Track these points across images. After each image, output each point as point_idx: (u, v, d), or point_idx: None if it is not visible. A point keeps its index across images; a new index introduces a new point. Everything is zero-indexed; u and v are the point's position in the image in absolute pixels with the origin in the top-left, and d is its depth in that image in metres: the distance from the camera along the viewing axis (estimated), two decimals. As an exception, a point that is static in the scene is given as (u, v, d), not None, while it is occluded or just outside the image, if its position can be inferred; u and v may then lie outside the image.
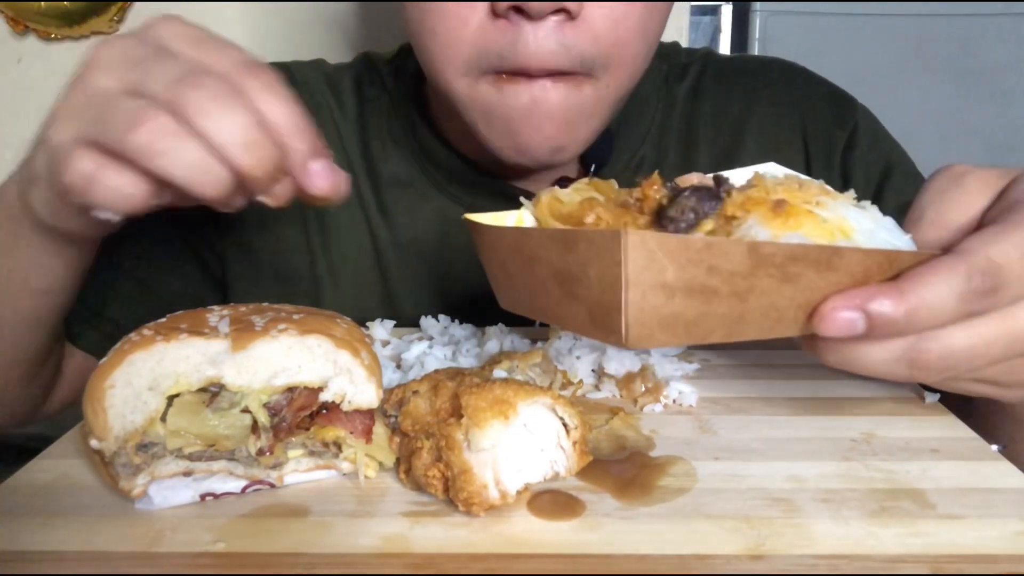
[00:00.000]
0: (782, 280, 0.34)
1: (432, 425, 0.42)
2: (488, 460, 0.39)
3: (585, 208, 0.40)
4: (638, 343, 0.33)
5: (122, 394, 0.40)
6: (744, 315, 0.34)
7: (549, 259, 0.35)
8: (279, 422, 0.42)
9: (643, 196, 0.39)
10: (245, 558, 0.37)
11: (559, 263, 0.35)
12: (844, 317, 0.34)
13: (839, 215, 0.37)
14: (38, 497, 0.42)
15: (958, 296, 0.34)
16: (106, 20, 1.33)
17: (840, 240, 0.36)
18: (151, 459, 0.42)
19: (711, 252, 0.32)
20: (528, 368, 0.53)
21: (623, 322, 0.32)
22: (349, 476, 0.44)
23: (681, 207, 0.37)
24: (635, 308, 0.32)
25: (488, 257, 0.42)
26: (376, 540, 0.38)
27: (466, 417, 0.40)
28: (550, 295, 0.36)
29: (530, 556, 0.37)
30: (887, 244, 0.37)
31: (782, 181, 0.39)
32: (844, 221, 0.37)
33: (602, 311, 0.33)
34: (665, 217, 0.38)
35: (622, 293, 0.32)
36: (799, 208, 0.36)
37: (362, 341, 0.44)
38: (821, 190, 0.38)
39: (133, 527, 0.40)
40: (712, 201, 0.37)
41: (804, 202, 0.37)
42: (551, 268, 0.35)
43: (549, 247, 0.35)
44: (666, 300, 0.33)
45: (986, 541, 0.37)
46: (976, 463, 0.44)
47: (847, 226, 0.37)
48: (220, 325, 0.43)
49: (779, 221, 0.36)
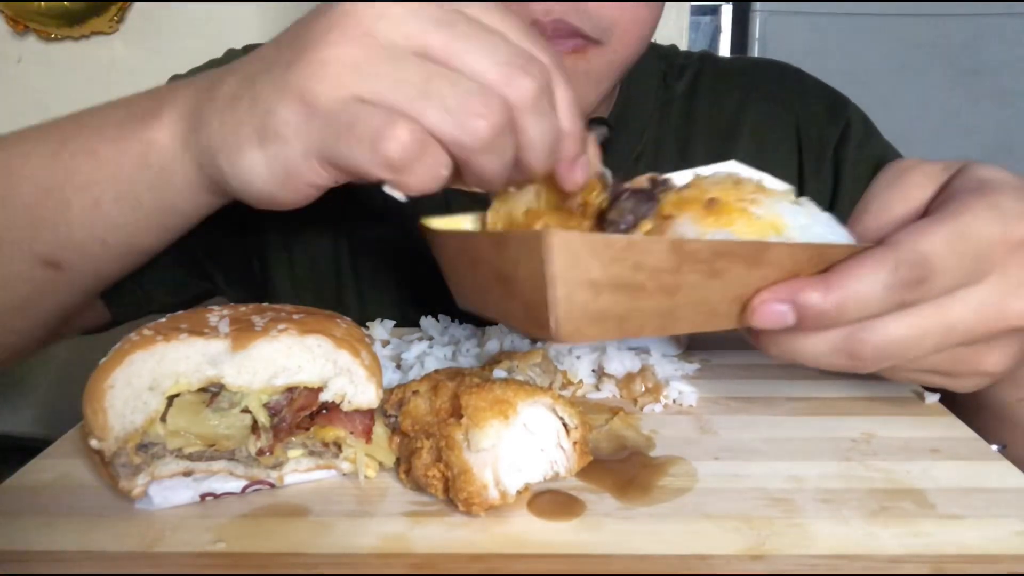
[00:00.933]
0: (709, 275, 0.35)
1: (432, 425, 0.42)
2: (488, 460, 0.39)
3: (532, 218, 0.41)
4: (568, 338, 0.34)
5: (122, 394, 0.40)
6: (675, 309, 0.36)
7: (489, 260, 0.37)
8: (279, 422, 0.42)
9: (584, 201, 0.41)
10: (245, 558, 0.37)
11: (497, 263, 0.36)
12: (773, 309, 0.35)
13: (773, 212, 0.38)
14: (38, 497, 0.42)
15: (886, 287, 0.35)
16: (106, 20, 1.33)
17: (772, 236, 0.37)
18: (151, 459, 0.42)
19: (634, 250, 0.34)
20: (528, 368, 0.53)
21: (551, 318, 0.34)
22: (349, 476, 0.44)
23: (619, 210, 0.39)
24: (562, 304, 0.33)
25: (440, 259, 0.44)
26: (376, 540, 0.38)
27: (466, 417, 0.40)
28: (493, 294, 0.37)
29: (530, 556, 0.37)
30: (821, 239, 0.38)
31: (718, 180, 0.40)
32: (778, 218, 0.38)
33: (534, 308, 0.34)
34: (605, 221, 0.39)
35: (548, 290, 0.33)
36: (731, 206, 0.38)
37: (362, 341, 0.44)
38: (757, 188, 0.40)
39: (133, 527, 0.40)
40: (649, 203, 0.39)
41: (737, 200, 0.38)
42: (491, 268, 0.37)
43: (487, 248, 0.37)
44: (593, 297, 0.34)
45: (986, 541, 0.37)
46: (976, 463, 0.44)
47: (780, 222, 0.38)
48: (220, 325, 0.43)
49: (710, 219, 0.38)
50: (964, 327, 0.37)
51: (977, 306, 0.37)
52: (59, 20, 1.31)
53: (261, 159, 0.38)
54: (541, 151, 0.37)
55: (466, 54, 0.34)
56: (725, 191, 0.39)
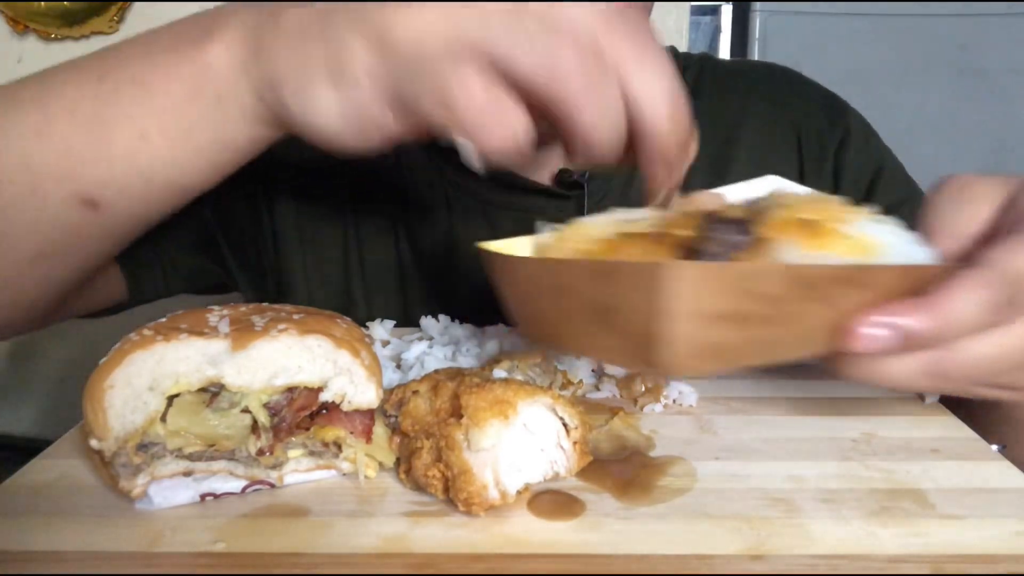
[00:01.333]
0: (817, 300, 0.33)
1: (432, 425, 0.42)
2: (488, 460, 0.39)
3: (616, 246, 0.38)
4: (680, 372, 0.33)
5: (122, 394, 0.40)
6: (780, 337, 0.34)
7: (582, 290, 0.34)
8: (279, 422, 0.42)
9: (665, 232, 0.38)
10: (245, 558, 0.37)
11: (594, 294, 0.33)
12: (876, 335, 0.34)
13: (862, 231, 0.37)
14: (38, 497, 0.42)
15: (985, 308, 0.34)
16: (106, 20, 1.33)
17: (867, 256, 0.36)
18: (151, 459, 0.42)
19: (750, 278, 0.32)
20: (528, 368, 0.53)
21: (665, 353, 0.32)
22: (349, 476, 0.44)
23: (715, 242, 0.36)
24: (678, 340, 0.32)
25: (507, 286, 0.40)
26: (376, 540, 0.38)
27: (466, 417, 0.40)
28: (581, 326, 0.35)
29: (530, 556, 0.37)
30: (910, 257, 0.37)
31: (807, 199, 0.38)
32: (868, 237, 0.37)
33: (643, 343, 0.33)
34: (698, 254, 0.37)
35: (664, 325, 0.31)
36: (827, 227, 0.36)
37: (362, 341, 0.44)
38: (843, 207, 0.38)
39: (133, 527, 0.40)
40: (744, 233, 0.36)
41: (831, 220, 0.37)
42: (584, 299, 0.34)
43: (582, 278, 0.34)
44: (707, 329, 0.32)
45: (986, 541, 0.37)
46: (976, 463, 0.44)
47: (871, 242, 0.37)
48: (220, 325, 0.43)
49: (810, 242, 0.36)
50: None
51: None
52: (59, 20, 1.31)
53: (333, 99, 0.36)
54: (657, 107, 0.34)
55: (563, 8, 0.32)
56: (818, 211, 0.37)
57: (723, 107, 0.80)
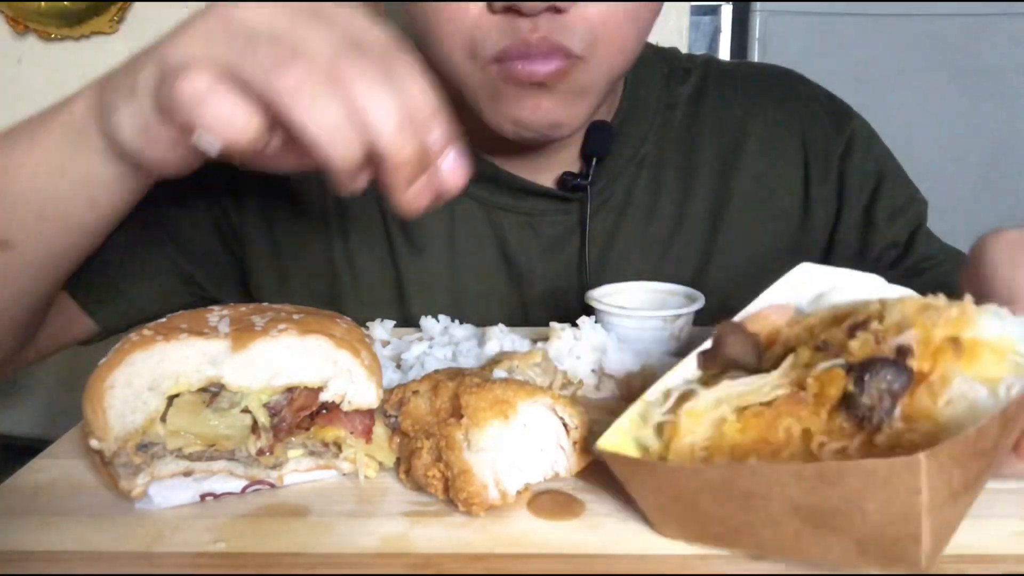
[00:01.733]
0: (1010, 426, 0.32)
1: (432, 425, 0.42)
2: (488, 460, 0.39)
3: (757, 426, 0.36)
4: (931, 566, 0.31)
5: (122, 394, 0.40)
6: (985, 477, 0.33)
7: (788, 495, 0.31)
8: (279, 422, 0.42)
9: (820, 392, 0.35)
10: (245, 558, 0.37)
11: (808, 499, 0.31)
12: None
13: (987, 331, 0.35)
14: (38, 497, 0.42)
15: None
16: (106, 20, 1.33)
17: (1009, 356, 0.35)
18: (151, 459, 0.42)
19: (981, 437, 0.30)
20: (528, 368, 0.53)
21: (921, 551, 0.30)
22: (349, 476, 0.44)
23: (876, 393, 0.34)
24: (932, 532, 0.30)
25: (657, 493, 0.36)
26: (376, 540, 0.38)
27: (466, 417, 0.40)
28: (781, 529, 0.33)
29: (530, 556, 0.37)
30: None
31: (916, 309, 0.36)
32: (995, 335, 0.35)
33: (884, 542, 0.31)
34: (857, 406, 0.34)
35: (921, 523, 0.29)
36: (970, 341, 0.35)
37: (362, 341, 0.44)
38: (961, 310, 0.36)
39: (133, 527, 0.40)
40: (903, 374, 0.34)
41: (963, 329, 0.35)
42: (790, 503, 0.32)
43: (790, 483, 0.31)
44: (952, 508, 0.31)
45: (986, 541, 0.37)
46: (976, 463, 0.44)
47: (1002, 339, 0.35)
48: (220, 325, 0.43)
49: (967, 364, 0.34)
50: None
51: None
52: (59, 20, 1.31)
53: (130, 111, 0.43)
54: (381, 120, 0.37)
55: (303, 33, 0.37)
56: (946, 324, 0.35)
57: (728, 111, 0.80)
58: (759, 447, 0.35)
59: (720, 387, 0.37)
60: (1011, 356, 0.35)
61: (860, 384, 0.34)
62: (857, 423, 0.34)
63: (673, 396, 0.39)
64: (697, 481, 0.33)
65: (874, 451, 0.33)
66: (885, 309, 0.38)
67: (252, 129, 0.38)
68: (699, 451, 0.36)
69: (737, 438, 0.36)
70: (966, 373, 0.34)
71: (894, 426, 0.33)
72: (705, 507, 0.34)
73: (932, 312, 0.36)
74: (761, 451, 0.35)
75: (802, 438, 0.35)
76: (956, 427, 0.33)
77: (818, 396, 0.35)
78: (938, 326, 0.35)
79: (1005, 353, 0.35)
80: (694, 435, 0.36)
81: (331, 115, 0.37)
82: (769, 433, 0.35)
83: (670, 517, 0.36)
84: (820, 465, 0.31)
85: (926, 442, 0.32)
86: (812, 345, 0.38)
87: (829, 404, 0.35)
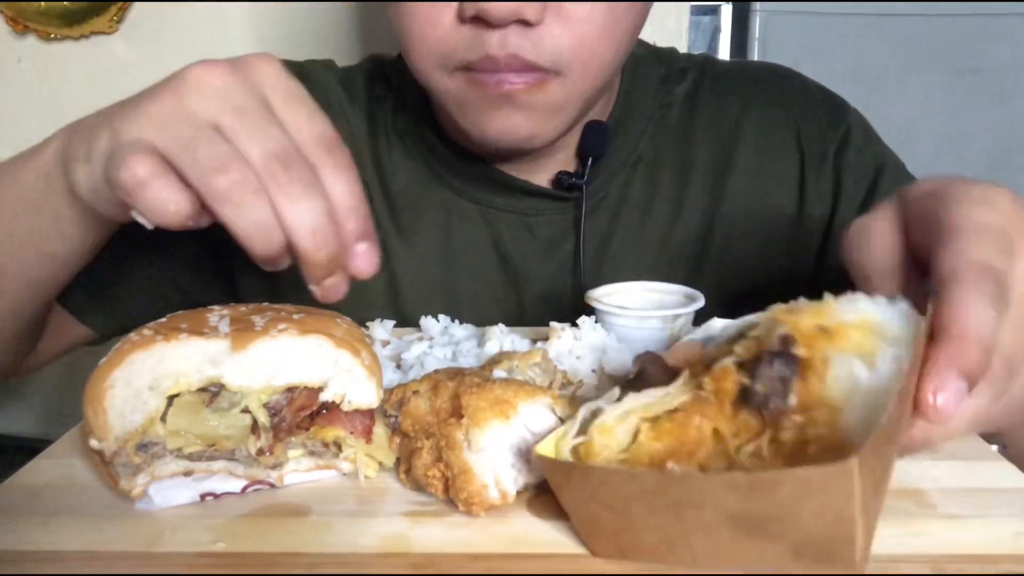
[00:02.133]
0: (906, 399, 0.33)
1: (432, 425, 0.42)
2: (488, 460, 0.39)
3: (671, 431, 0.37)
4: (865, 564, 0.32)
5: (122, 394, 0.40)
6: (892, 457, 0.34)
7: (721, 504, 0.32)
8: (279, 422, 0.42)
9: (718, 389, 0.37)
10: (245, 558, 0.37)
11: (741, 507, 0.32)
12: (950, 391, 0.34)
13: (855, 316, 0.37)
14: (38, 497, 0.42)
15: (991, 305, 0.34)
16: (106, 20, 1.33)
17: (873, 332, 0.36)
18: (151, 459, 0.42)
19: (890, 423, 0.31)
20: (528, 368, 0.53)
21: (856, 550, 0.31)
22: (349, 476, 0.44)
23: (766, 380, 0.35)
24: (864, 530, 0.31)
25: (589, 500, 0.36)
26: (376, 540, 0.38)
27: (466, 417, 0.40)
28: (715, 538, 0.33)
29: (530, 556, 0.37)
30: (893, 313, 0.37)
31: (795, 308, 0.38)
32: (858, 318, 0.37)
33: (819, 546, 0.31)
34: (754, 397, 0.35)
35: (855, 525, 0.30)
36: (837, 327, 0.36)
37: (362, 341, 0.44)
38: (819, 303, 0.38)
39: (133, 527, 0.40)
40: (790, 362, 0.35)
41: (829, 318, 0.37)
42: (724, 512, 0.32)
43: (723, 493, 0.32)
44: (875, 498, 0.32)
45: (986, 541, 0.37)
46: (976, 463, 0.44)
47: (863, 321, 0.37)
48: (220, 325, 0.43)
49: (836, 345, 0.36)
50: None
51: None
52: (59, 20, 1.31)
53: (84, 172, 0.47)
54: (298, 228, 0.40)
55: (242, 138, 0.41)
56: (810, 314, 0.37)
57: (723, 110, 0.80)
58: (675, 450, 0.36)
59: (625, 401, 0.38)
60: (874, 332, 0.37)
61: (753, 376, 0.36)
62: (758, 415, 0.35)
63: (578, 419, 0.39)
64: (630, 487, 0.34)
65: (784, 448, 0.35)
66: (759, 321, 0.40)
67: (182, 215, 0.41)
68: (616, 464, 0.37)
69: (654, 445, 0.37)
70: (837, 353, 0.36)
71: (793, 419, 0.35)
72: (638, 516, 0.34)
73: (795, 309, 0.38)
74: (678, 454, 0.36)
75: (714, 438, 0.36)
76: (848, 406, 0.34)
77: (717, 393, 0.37)
78: (803, 318, 0.37)
79: (868, 330, 0.37)
80: (609, 449, 0.37)
81: (254, 219, 0.40)
82: (682, 434, 0.36)
83: (602, 529, 0.36)
84: (753, 475, 0.32)
85: (829, 432, 0.34)
86: (704, 364, 0.39)
87: (728, 399, 0.36)
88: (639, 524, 0.34)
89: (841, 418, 0.34)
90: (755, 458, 0.35)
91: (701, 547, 0.34)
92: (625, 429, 0.37)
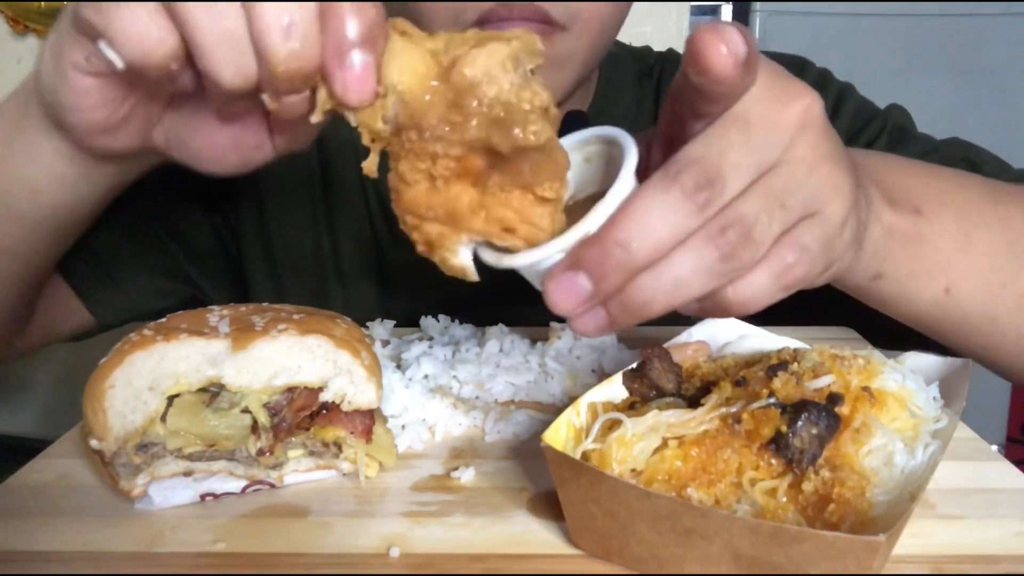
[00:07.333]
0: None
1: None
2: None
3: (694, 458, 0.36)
4: None
5: (122, 394, 0.40)
6: None
7: (733, 543, 0.32)
8: (279, 422, 0.42)
9: (755, 430, 0.36)
10: (245, 558, 0.37)
11: (753, 551, 0.32)
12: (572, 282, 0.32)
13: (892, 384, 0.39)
14: (38, 497, 0.42)
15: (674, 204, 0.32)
16: (106, 20, 1.33)
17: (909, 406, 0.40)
18: (151, 459, 0.42)
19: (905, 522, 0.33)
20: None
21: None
22: (349, 476, 0.44)
23: (805, 436, 0.35)
24: None
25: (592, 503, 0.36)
26: (376, 540, 0.38)
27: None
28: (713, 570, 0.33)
29: (530, 556, 0.37)
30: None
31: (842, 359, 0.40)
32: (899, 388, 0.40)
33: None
34: (789, 449, 0.35)
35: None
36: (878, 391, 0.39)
37: (362, 341, 0.44)
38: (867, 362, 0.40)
39: (133, 527, 0.40)
40: (831, 421, 0.36)
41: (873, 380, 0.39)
42: (732, 551, 0.32)
43: (740, 534, 0.32)
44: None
45: (986, 541, 0.37)
46: (976, 463, 0.44)
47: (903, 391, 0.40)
48: (220, 325, 0.43)
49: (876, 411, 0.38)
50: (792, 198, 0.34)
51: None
52: (59, 20, 1.31)
53: (47, 47, 0.41)
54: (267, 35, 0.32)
55: None
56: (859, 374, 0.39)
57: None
58: (697, 475, 0.36)
59: (648, 417, 0.38)
60: (910, 406, 0.39)
61: (793, 426, 0.35)
62: (785, 463, 0.36)
63: (597, 426, 0.39)
64: (642, 505, 0.34)
65: (802, 496, 0.35)
66: (798, 355, 0.41)
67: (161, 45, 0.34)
68: (629, 476, 0.37)
69: (676, 465, 0.36)
70: (881, 421, 0.37)
71: (820, 473, 0.35)
72: (638, 530, 0.34)
73: (844, 361, 0.40)
74: (699, 479, 0.36)
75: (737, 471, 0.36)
76: (878, 481, 0.36)
77: (751, 433, 0.36)
78: (852, 374, 0.38)
79: (905, 403, 0.39)
80: (624, 463, 0.37)
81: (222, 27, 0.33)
82: (708, 462, 0.36)
83: (594, 528, 0.36)
84: (778, 526, 0.32)
85: (854, 499, 0.35)
86: (731, 380, 0.39)
87: (760, 441, 0.36)
88: (636, 536, 0.35)
89: (870, 490, 0.35)
90: (768, 496, 0.35)
91: (694, 573, 0.34)
92: (645, 446, 0.37)
